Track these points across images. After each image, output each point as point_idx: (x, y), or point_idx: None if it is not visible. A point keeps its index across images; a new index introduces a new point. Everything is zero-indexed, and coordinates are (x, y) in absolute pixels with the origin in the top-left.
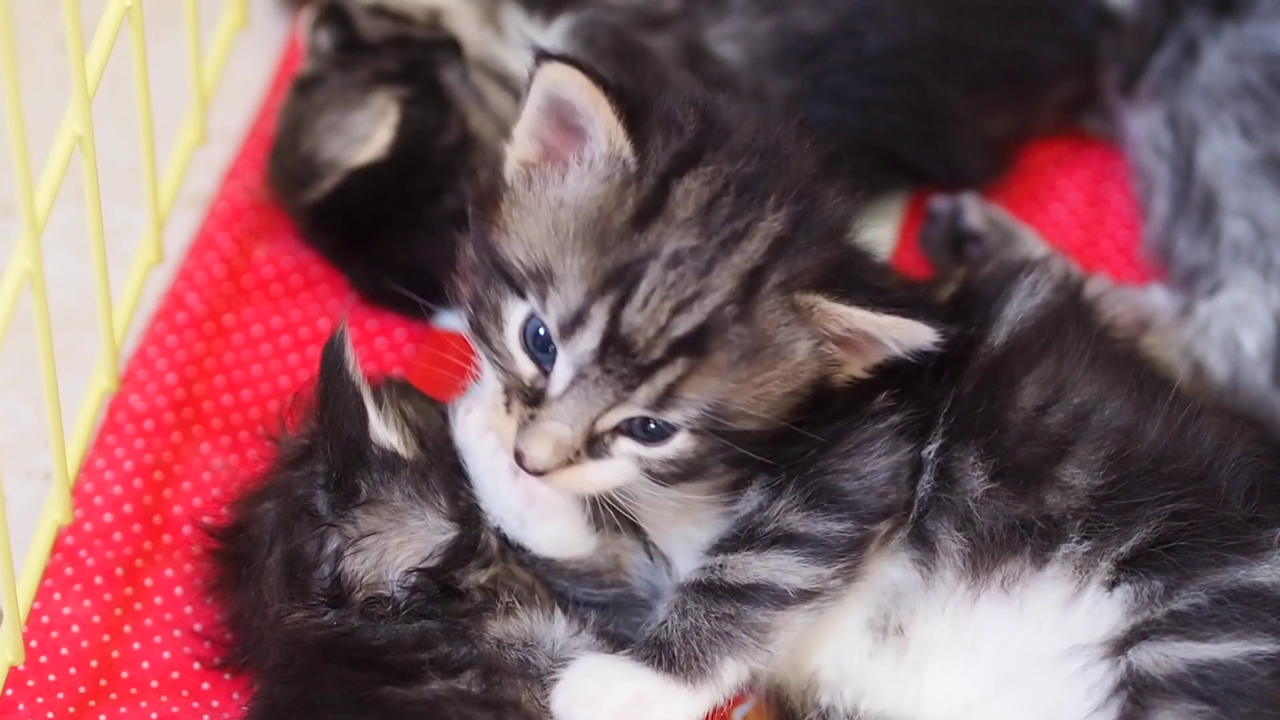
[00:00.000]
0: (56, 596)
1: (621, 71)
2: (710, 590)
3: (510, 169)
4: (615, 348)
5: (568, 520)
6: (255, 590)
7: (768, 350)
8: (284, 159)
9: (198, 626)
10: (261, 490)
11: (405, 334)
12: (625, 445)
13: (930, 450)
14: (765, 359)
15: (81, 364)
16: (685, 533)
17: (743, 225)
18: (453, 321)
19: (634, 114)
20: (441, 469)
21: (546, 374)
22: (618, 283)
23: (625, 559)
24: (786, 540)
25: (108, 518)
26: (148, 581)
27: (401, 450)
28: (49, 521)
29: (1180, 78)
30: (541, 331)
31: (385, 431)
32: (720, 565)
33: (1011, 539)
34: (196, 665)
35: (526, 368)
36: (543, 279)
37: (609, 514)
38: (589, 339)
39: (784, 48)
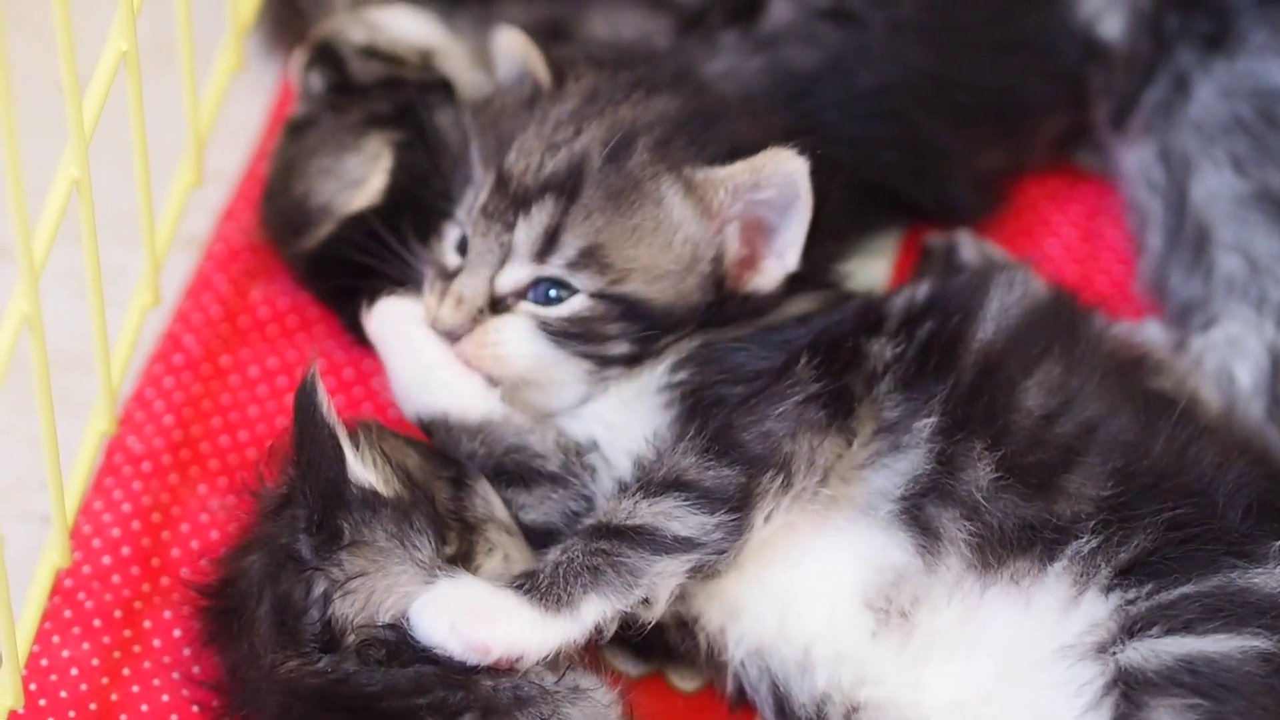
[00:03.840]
0: (55, 640)
1: None
2: (595, 530)
3: None
4: (496, 191)
5: (450, 365)
6: (248, 643)
7: (635, 196)
8: (277, 203)
9: (196, 669)
10: (245, 543)
11: None
12: (525, 306)
13: (924, 427)
14: (634, 204)
15: (79, 406)
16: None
17: (620, 94)
18: None
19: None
20: (426, 507)
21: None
22: (504, 147)
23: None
24: (678, 486)
25: (106, 560)
26: (146, 624)
27: (381, 489)
28: (47, 564)
29: (1172, 112)
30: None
31: (364, 470)
32: (612, 510)
33: (1021, 538)
34: (195, 709)
35: (452, 260)
36: (467, 186)
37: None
38: (481, 196)
39: (774, 85)
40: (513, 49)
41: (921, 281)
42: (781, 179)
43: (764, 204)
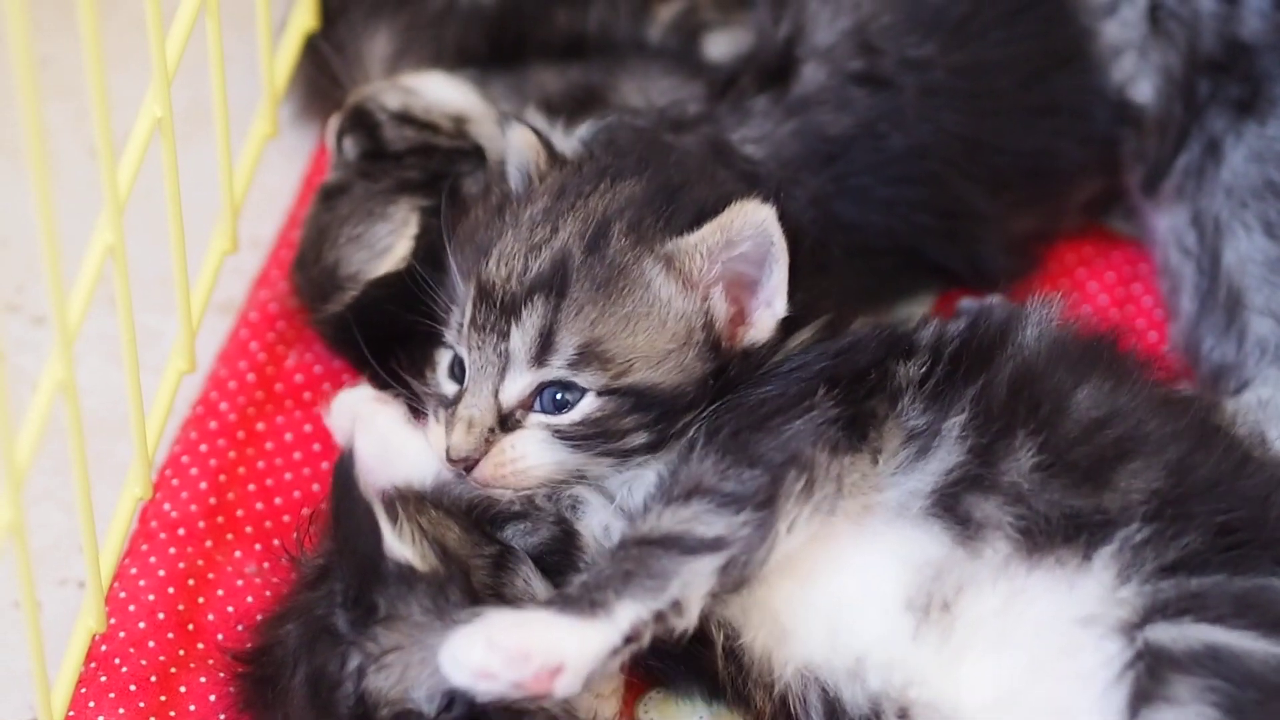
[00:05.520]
0: (91, 705)
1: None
2: (621, 544)
3: None
4: (482, 302)
5: (401, 425)
6: (283, 712)
7: (622, 282)
8: (309, 271)
9: None
10: (282, 612)
11: None
12: (536, 418)
13: (954, 425)
14: (622, 290)
15: (114, 471)
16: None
17: (590, 187)
18: None
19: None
20: (461, 581)
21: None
22: (482, 258)
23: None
24: (698, 492)
25: (141, 625)
26: (181, 689)
27: (418, 564)
28: (83, 629)
29: (1203, 177)
30: (460, 363)
31: (400, 545)
32: (636, 526)
33: (1067, 527)
34: None
35: (450, 389)
36: (452, 309)
37: None
38: (467, 311)
39: (807, 149)
40: (521, 146)
41: (957, 317)
42: (752, 230)
43: (741, 259)
